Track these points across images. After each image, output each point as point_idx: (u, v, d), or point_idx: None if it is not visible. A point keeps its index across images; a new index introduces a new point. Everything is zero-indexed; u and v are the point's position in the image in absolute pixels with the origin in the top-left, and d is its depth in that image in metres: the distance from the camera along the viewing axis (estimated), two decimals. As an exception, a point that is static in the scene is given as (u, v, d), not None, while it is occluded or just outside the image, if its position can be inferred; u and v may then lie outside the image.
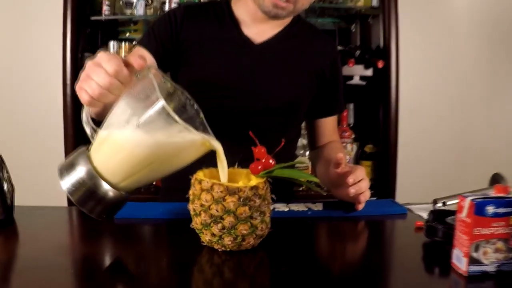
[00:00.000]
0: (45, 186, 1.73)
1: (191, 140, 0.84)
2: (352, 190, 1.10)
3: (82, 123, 0.88)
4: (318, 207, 1.18)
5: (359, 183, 1.12)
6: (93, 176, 0.85)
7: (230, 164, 0.91)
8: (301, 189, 2.03)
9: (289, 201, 1.21)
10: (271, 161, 0.87)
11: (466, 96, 2.45)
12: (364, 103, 2.31)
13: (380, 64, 2.11)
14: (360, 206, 1.14)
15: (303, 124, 1.53)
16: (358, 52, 2.17)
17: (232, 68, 1.31)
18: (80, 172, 0.85)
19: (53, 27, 2.14)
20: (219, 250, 0.87)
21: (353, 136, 2.23)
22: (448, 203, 1.19)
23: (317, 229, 1.11)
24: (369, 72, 2.17)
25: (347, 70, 2.04)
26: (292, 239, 0.99)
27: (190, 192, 0.87)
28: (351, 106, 2.28)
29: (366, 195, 1.14)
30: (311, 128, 1.51)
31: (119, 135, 0.84)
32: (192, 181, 0.87)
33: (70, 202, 1.17)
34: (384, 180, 2.17)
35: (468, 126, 2.46)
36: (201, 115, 0.91)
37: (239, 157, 0.93)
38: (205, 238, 0.87)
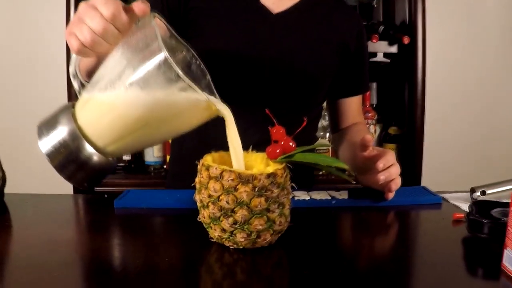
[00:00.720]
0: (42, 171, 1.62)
1: (194, 101, 0.71)
2: (381, 177, 0.98)
3: (70, 76, 0.76)
4: (343, 195, 1.05)
5: (389, 169, 1.00)
6: (77, 137, 0.73)
7: (244, 148, 0.79)
8: (320, 173, 1.90)
9: (310, 188, 1.08)
10: (291, 143, 0.75)
11: (496, 74, 2.30)
12: (388, 82, 2.17)
13: (406, 40, 1.96)
14: (391, 195, 1.02)
15: (324, 104, 1.40)
16: (381, 28, 2.02)
17: (247, 38, 1.17)
18: (61, 132, 0.73)
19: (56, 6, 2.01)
20: (231, 247, 0.75)
21: (376, 117, 2.10)
22: (488, 192, 1.06)
23: (342, 221, 0.98)
24: (393, 49, 2.03)
25: (370, 46, 1.90)
26: (314, 233, 0.87)
27: (197, 180, 0.75)
28: (374, 85, 2.15)
29: (397, 183, 1.02)
30: (333, 108, 1.39)
31: (110, 90, 0.72)
32: (199, 167, 0.75)
33: (63, 188, 1.07)
34: (409, 165, 2.03)
35: (499, 106, 2.31)
36: (208, 77, 0.80)
37: (254, 139, 0.81)
38: (214, 233, 0.75)
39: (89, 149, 0.74)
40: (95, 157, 0.74)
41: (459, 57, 2.30)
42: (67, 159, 0.74)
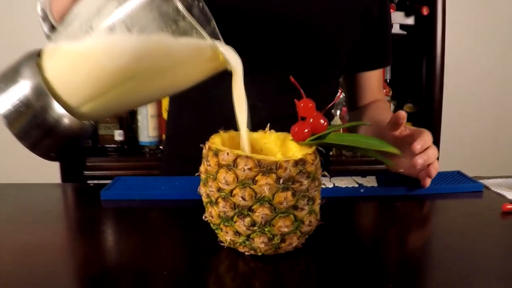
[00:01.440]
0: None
1: (196, 48, 0.55)
2: (419, 160, 0.83)
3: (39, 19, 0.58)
4: (371, 182, 0.90)
5: (427, 151, 0.85)
6: (43, 93, 0.56)
7: (257, 126, 0.62)
8: (331, 153, 1.74)
9: (328, 172, 0.93)
10: (322, 121, 0.58)
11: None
12: (404, 56, 2.02)
13: (425, 11, 1.81)
14: (428, 182, 0.86)
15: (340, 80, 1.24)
16: (398, -3, 1.87)
17: None
18: (23, 87, 0.56)
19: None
20: (246, 253, 0.59)
21: (390, 93, 1.98)
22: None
23: (375, 215, 0.82)
24: (410, 21, 1.90)
25: (386, 16, 1.74)
26: (345, 231, 0.71)
27: (202, 168, 0.59)
28: (389, 59, 2.00)
29: (436, 167, 0.87)
30: (351, 83, 1.22)
31: (87, 33, 0.55)
32: (204, 151, 0.58)
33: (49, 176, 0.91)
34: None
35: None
36: (213, 23, 0.63)
37: (262, 117, 0.65)
38: (225, 237, 0.58)
39: (58, 109, 0.56)
40: (66, 119, 0.57)
41: (480, 30, 2.16)
42: (30, 122, 0.56)
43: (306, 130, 0.57)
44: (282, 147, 0.63)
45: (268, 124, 0.65)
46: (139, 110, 1.80)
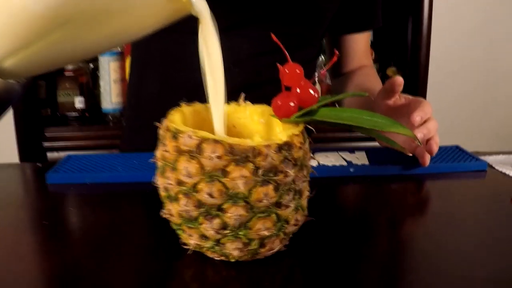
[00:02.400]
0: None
1: None
2: (419, 135, 0.71)
3: None
4: (361, 159, 0.78)
5: (427, 124, 0.74)
6: None
7: (230, 94, 0.49)
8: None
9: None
10: (312, 92, 0.45)
11: (510, 6, 2.02)
12: (388, 15, 1.89)
13: (411, -34, 1.68)
14: (428, 159, 0.75)
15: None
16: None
17: None
18: None
19: None
20: (216, 258, 0.47)
21: (372, 55, 1.83)
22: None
23: (370, 200, 0.70)
24: None
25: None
26: (336, 223, 0.59)
27: (158, 154, 0.45)
28: (371, 19, 1.87)
29: (437, 142, 0.75)
30: (336, 46, 1.09)
31: None
32: (161, 132, 0.45)
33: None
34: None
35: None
36: None
37: (236, 83, 0.52)
38: (189, 240, 0.46)
39: None
40: None
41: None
42: None
43: (292, 104, 0.44)
44: (264, 126, 0.50)
45: (242, 95, 0.52)
46: (101, 75, 1.65)
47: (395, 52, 1.88)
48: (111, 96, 1.65)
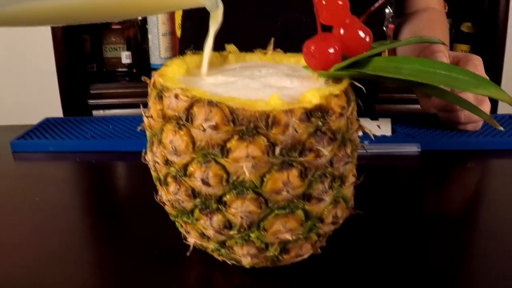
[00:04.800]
0: None
1: None
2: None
3: None
4: (384, 127, 0.64)
5: None
6: None
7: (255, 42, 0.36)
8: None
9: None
10: (361, 33, 0.31)
11: None
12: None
13: None
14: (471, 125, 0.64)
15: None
16: None
17: None
18: None
19: None
20: (228, 262, 0.34)
21: (446, 9, 1.68)
22: None
23: (435, 184, 0.56)
24: None
25: None
26: (389, 218, 0.45)
27: (145, 121, 0.33)
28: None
29: (488, 104, 0.64)
30: None
31: None
32: (150, 86, 0.33)
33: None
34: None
35: None
36: None
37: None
38: (188, 238, 0.34)
39: None
40: None
41: None
42: None
43: (331, 51, 0.31)
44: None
45: (273, 39, 0.38)
46: (149, 28, 1.55)
47: (470, 5, 1.70)
48: (159, 51, 1.56)
